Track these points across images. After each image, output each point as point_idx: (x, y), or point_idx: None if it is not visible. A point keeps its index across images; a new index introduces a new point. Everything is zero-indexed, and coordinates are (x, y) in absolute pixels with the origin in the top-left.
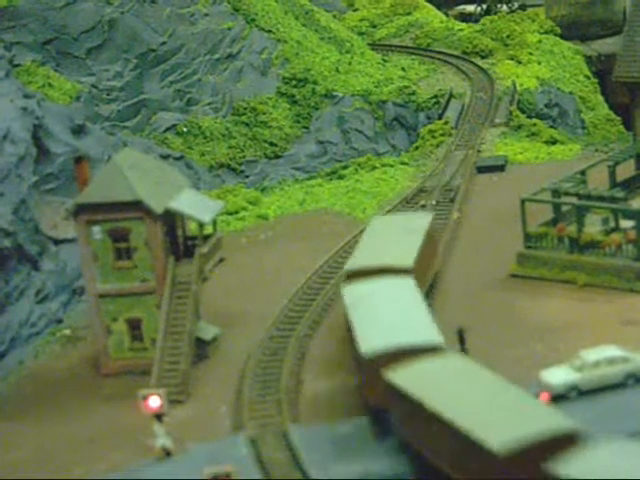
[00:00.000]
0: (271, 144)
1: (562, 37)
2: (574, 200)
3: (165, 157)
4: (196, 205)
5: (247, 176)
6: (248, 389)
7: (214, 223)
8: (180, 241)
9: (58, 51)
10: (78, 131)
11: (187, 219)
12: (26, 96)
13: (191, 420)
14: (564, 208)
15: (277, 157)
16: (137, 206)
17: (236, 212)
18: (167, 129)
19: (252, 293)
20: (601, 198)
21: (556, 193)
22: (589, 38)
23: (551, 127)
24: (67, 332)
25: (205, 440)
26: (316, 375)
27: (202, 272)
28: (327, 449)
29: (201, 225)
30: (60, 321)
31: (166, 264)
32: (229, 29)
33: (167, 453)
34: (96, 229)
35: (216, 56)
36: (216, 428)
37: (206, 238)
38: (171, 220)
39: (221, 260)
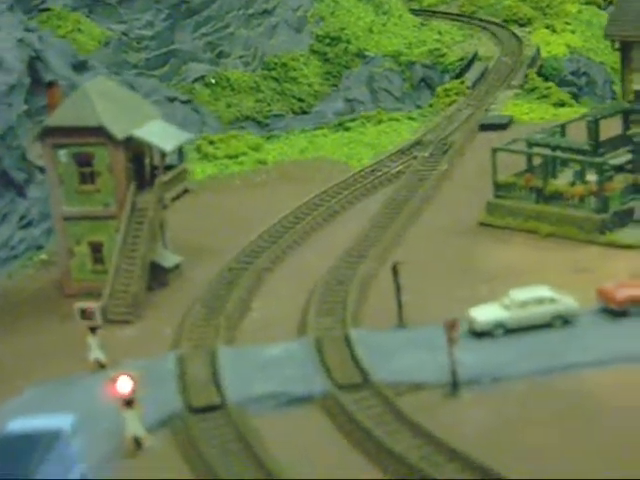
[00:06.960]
0: (299, 100)
1: None
2: (545, 151)
3: (171, 100)
4: (160, 134)
5: (272, 130)
6: (193, 314)
7: (181, 154)
8: (147, 170)
9: None
10: (80, 67)
11: (154, 148)
12: (27, 29)
13: (135, 340)
14: (539, 160)
15: (304, 113)
16: (100, 131)
17: (236, 156)
18: (195, 80)
19: (229, 230)
20: (569, 149)
21: (528, 144)
22: None
23: (576, 95)
24: (44, 257)
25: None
26: (266, 304)
27: (162, 200)
28: (250, 369)
29: (164, 154)
30: (41, 247)
31: (127, 190)
32: None
33: (100, 366)
34: (62, 152)
35: (250, 11)
36: (156, 348)
37: (170, 168)
38: (137, 148)
39: (186, 191)
